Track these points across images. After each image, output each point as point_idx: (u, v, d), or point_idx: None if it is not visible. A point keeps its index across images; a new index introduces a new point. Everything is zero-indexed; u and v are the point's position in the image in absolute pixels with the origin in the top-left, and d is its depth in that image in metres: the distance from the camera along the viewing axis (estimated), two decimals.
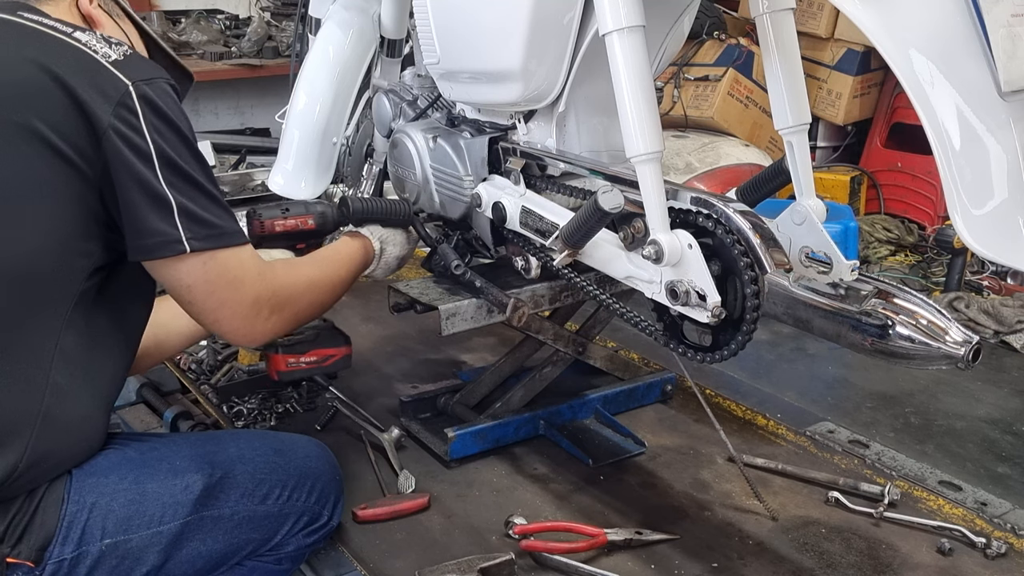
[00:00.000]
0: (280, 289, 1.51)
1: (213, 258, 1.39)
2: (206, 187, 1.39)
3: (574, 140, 1.77)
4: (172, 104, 1.37)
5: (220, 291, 1.42)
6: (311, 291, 1.61)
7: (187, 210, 1.36)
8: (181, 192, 1.35)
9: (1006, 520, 1.86)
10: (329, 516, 1.62)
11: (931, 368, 1.33)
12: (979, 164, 1.13)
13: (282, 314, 1.52)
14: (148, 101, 1.33)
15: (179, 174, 1.35)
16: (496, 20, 1.67)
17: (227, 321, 1.46)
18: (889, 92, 4.08)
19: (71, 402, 1.36)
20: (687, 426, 2.24)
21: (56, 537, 1.33)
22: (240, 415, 2.25)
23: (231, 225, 1.43)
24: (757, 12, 1.49)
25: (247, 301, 1.45)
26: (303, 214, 1.85)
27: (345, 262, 1.76)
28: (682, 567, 1.71)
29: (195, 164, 1.39)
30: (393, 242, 1.89)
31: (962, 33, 1.12)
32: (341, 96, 2.49)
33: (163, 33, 4.36)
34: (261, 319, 1.48)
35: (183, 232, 1.35)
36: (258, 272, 1.47)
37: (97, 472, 1.39)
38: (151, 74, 1.37)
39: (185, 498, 1.43)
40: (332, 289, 1.69)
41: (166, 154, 1.34)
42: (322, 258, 1.76)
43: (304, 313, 1.60)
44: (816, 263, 1.43)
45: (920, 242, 3.67)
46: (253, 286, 1.46)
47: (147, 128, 1.33)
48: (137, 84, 1.33)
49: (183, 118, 1.39)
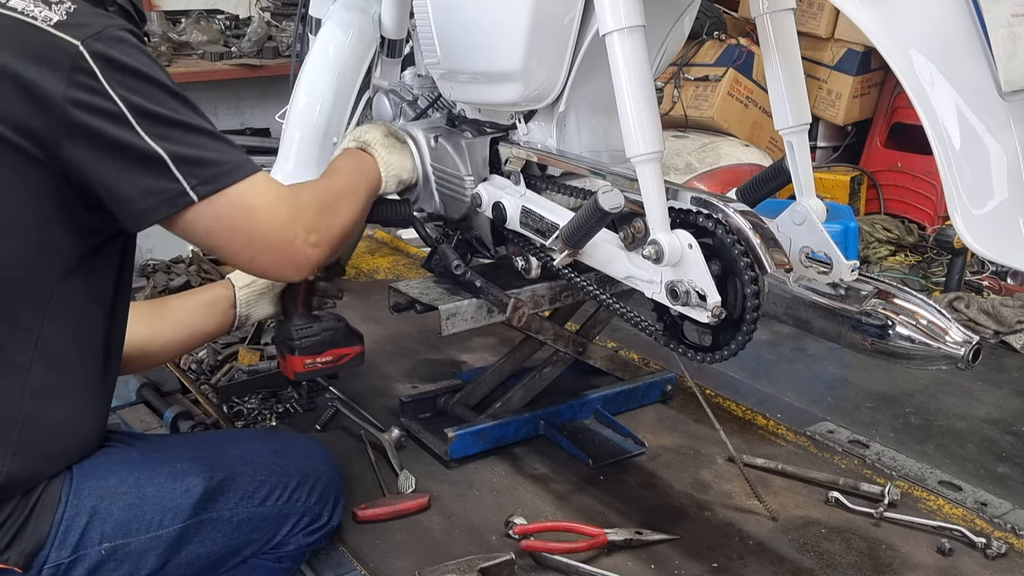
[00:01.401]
0: (307, 204, 1.42)
1: (224, 196, 1.29)
2: (197, 124, 1.29)
3: (574, 140, 1.77)
4: (133, 51, 1.25)
5: (243, 226, 1.33)
6: (338, 201, 1.52)
7: (183, 156, 1.26)
8: (170, 140, 1.25)
9: (1006, 520, 1.86)
10: (329, 516, 1.62)
11: (931, 368, 1.33)
12: (979, 164, 1.13)
13: (319, 230, 1.42)
14: (104, 57, 1.21)
15: (163, 121, 1.25)
16: (496, 20, 1.67)
17: (264, 256, 1.37)
18: (889, 92, 4.08)
19: (56, 402, 1.33)
20: (687, 426, 2.24)
21: (51, 542, 1.31)
22: (240, 415, 2.25)
23: (235, 156, 1.32)
24: (757, 12, 1.49)
25: (276, 227, 1.36)
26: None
27: (345, 174, 1.68)
28: (682, 567, 1.71)
29: (177, 104, 1.28)
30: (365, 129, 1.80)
31: (962, 33, 1.12)
32: (341, 96, 2.48)
33: (163, 33, 4.35)
34: (299, 241, 1.39)
35: (184, 181, 1.26)
36: (278, 196, 1.38)
37: (97, 474, 1.38)
38: (101, 25, 1.24)
39: (185, 502, 1.42)
40: (353, 200, 1.60)
41: (141, 106, 1.23)
42: (328, 174, 1.68)
43: (338, 226, 1.49)
44: (816, 263, 1.43)
45: (920, 242, 3.67)
46: (277, 211, 1.36)
47: (111, 86, 1.21)
48: (87, 42, 1.21)
49: (149, 62, 1.27)
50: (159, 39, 4.31)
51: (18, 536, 1.30)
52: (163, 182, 1.26)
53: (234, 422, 2.22)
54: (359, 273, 3.34)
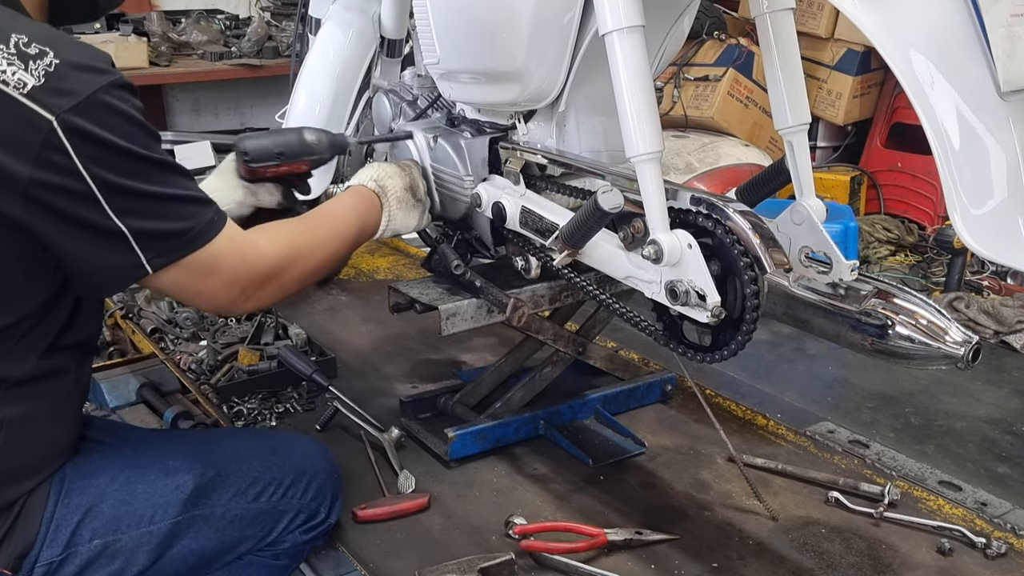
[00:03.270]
0: (263, 269, 1.42)
1: (180, 265, 1.29)
2: (165, 192, 1.25)
3: (574, 140, 1.77)
4: (113, 117, 1.19)
5: (195, 285, 1.34)
6: (298, 262, 1.49)
7: (145, 231, 1.24)
8: (135, 213, 1.23)
9: (1006, 520, 1.86)
10: (327, 514, 1.62)
11: (931, 368, 1.33)
12: (979, 164, 1.13)
13: (266, 289, 1.43)
14: (79, 132, 1.15)
15: (130, 194, 1.22)
16: (496, 20, 1.67)
17: (205, 305, 1.41)
18: (889, 92, 4.08)
19: (29, 426, 1.32)
20: (687, 426, 2.24)
21: (41, 541, 1.32)
22: (240, 415, 2.25)
23: (199, 220, 1.30)
24: (757, 12, 1.49)
25: (223, 286, 1.36)
26: (298, 158, 1.67)
27: (341, 219, 1.63)
28: (682, 567, 1.71)
29: (150, 170, 1.24)
30: (388, 174, 1.75)
31: (961, 33, 1.12)
32: (341, 96, 2.49)
33: (163, 33, 4.35)
34: (242, 298, 1.40)
35: (143, 255, 1.25)
36: (237, 257, 1.37)
37: (89, 473, 1.39)
38: (84, 91, 1.16)
39: (175, 498, 1.42)
40: (328, 254, 1.57)
41: (111, 182, 1.19)
42: (316, 220, 1.60)
43: (291, 285, 1.50)
44: (816, 263, 1.43)
45: (920, 242, 3.67)
46: (230, 272, 1.36)
47: (82, 163, 1.16)
48: (63, 117, 1.14)
49: (129, 126, 1.21)
50: (159, 39, 4.31)
51: (5, 540, 1.30)
52: (122, 257, 1.24)
53: (234, 422, 2.22)
54: (359, 273, 3.34)
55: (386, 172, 1.76)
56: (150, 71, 4.19)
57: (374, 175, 1.74)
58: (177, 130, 4.69)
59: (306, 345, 2.55)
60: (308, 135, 1.68)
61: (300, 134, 1.68)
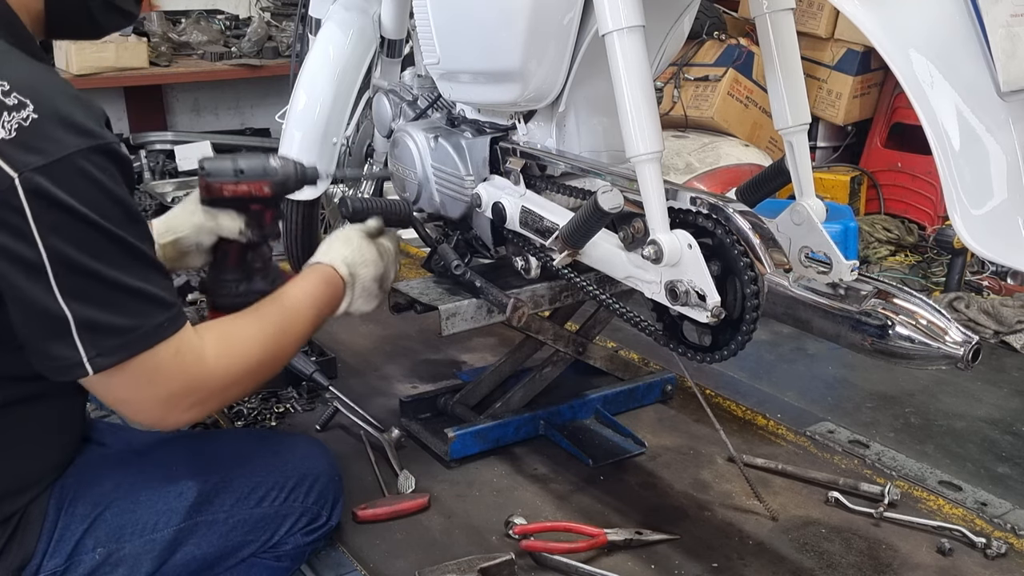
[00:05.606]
0: (206, 383, 1.27)
1: (122, 370, 1.16)
2: (120, 280, 1.13)
3: (574, 140, 1.77)
4: (85, 183, 1.08)
5: (123, 392, 1.20)
6: (245, 378, 1.34)
7: (90, 322, 1.12)
8: (84, 298, 1.11)
9: (1006, 520, 1.86)
10: (328, 516, 1.61)
11: (931, 368, 1.33)
12: (978, 164, 1.13)
13: (205, 406, 1.29)
14: (42, 194, 1.05)
15: (83, 274, 1.10)
16: (496, 20, 1.67)
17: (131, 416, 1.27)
18: (889, 92, 4.08)
19: (20, 447, 1.29)
20: (687, 426, 2.24)
21: (44, 551, 1.30)
22: (240, 415, 2.25)
23: (146, 322, 1.16)
24: (757, 12, 1.49)
25: (157, 400, 1.23)
26: (259, 178, 1.54)
27: (300, 316, 1.45)
28: (682, 567, 1.71)
29: (111, 249, 1.12)
30: (364, 261, 1.56)
31: (961, 33, 1.12)
32: (341, 96, 2.48)
33: (163, 33, 4.35)
34: (176, 413, 1.26)
35: (84, 352, 1.13)
36: (179, 370, 1.22)
37: (93, 480, 1.38)
38: (60, 151, 1.07)
39: (179, 505, 1.42)
40: (279, 360, 1.41)
41: (66, 255, 1.08)
42: (273, 320, 1.40)
43: (234, 398, 1.37)
44: (816, 263, 1.43)
45: (920, 242, 3.67)
46: (168, 386, 1.22)
47: (38, 229, 1.06)
48: (27, 176, 1.04)
49: (101, 192, 1.10)
50: (159, 39, 4.31)
51: (4, 552, 1.28)
52: (62, 348, 1.13)
53: (234, 422, 2.22)
54: None
55: (363, 258, 1.56)
56: (150, 71, 4.19)
57: (348, 259, 1.54)
58: (177, 130, 4.69)
59: (306, 345, 2.55)
60: (273, 159, 1.57)
61: (265, 156, 1.59)
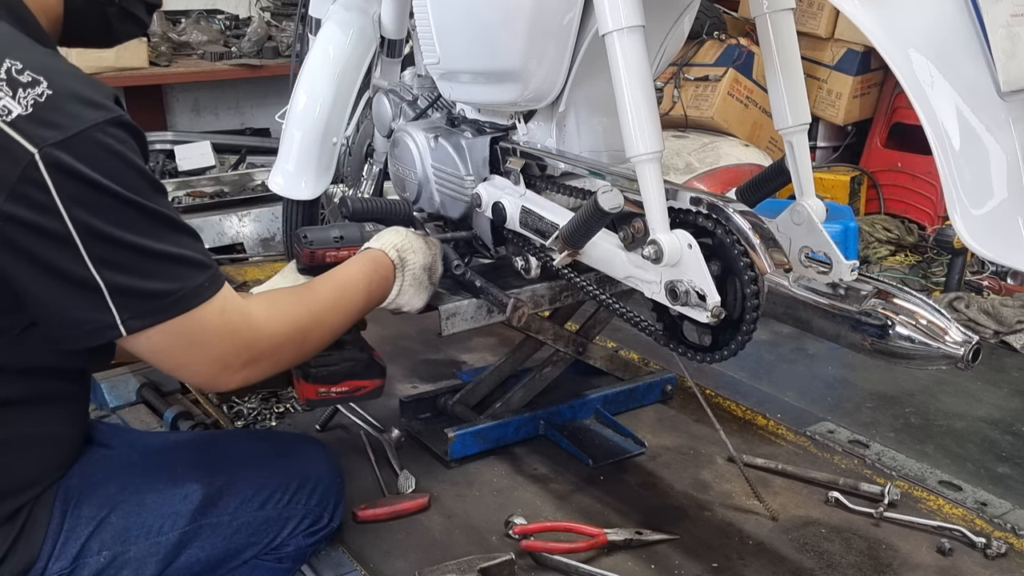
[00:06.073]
0: (256, 342, 1.29)
1: (161, 331, 1.18)
2: (153, 247, 1.15)
3: (574, 140, 1.77)
4: (107, 157, 1.10)
5: (176, 356, 1.23)
6: (296, 338, 1.37)
7: (123, 287, 1.13)
8: (115, 266, 1.12)
9: (1006, 520, 1.86)
10: (330, 518, 1.62)
11: (931, 368, 1.33)
12: (978, 164, 1.13)
13: (257, 366, 1.31)
14: (64, 168, 1.07)
15: (112, 243, 1.12)
16: (496, 20, 1.67)
17: (187, 378, 1.30)
18: (889, 92, 4.08)
19: (21, 446, 1.29)
20: (687, 426, 2.24)
21: (49, 554, 1.30)
22: (240, 415, 2.25)
23: (186, 284, 1.18)
24: (757, 12, 1.49)
25: (208, 361, 1.25)
26: (356, 243, 1.67)
27: (350, 290, 1.51)
28: (682, 567, 1.71)
29: (138, 217, 1.13)
30: (413, 248, 1.62)
31: (961, 33, 1.12)
32: (341, 96, 2.49)
33: (163, 33, 4.36)
34: (229, 372, 1.28)
35: (117, 314, 1.13)
36: (227, 329, 1.25)
37: (98, 482, 1.38)
38: (78, 124, 1.08)
39: (184, 508, 1.41)
40: (330, 331, 1.46)
41: (93, 227, 1.10)
42: (323, 290, 1.48)
43: (286, 361, 1.39)
44: (816, 263, 1.43)
45: (920, 242, 3.67)
46: (218, 346, 1.24)
47: (63, 202, 1.07)
48: (47, 150, 1.06)
49: (122, 168, 1.12)
50: (159, 39, 4.31)
51: (8, 555, 1.28)
52: (93, 313, 1.13)
53: (234, 422, 2.22)
54: None
55: (411, 244, 1.63)
56: (150, 71, 4.20)
57: (398, 244, 1.61)
58: (177, 130, 4.69)
59: None
60: (368, 226, 1.74)
61: (359, 224, 1.74)
